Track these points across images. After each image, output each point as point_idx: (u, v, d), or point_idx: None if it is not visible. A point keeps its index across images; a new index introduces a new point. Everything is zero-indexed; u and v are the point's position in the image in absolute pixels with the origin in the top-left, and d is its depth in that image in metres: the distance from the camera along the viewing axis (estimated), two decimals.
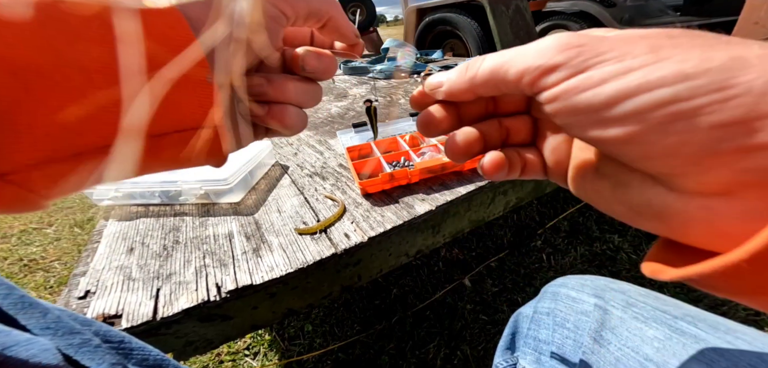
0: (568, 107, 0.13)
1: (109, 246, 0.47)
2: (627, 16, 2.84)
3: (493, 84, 0.16)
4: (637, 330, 0.26)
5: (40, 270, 1.25)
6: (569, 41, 0.14)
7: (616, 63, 0.12)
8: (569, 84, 0.13)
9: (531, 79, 0.14)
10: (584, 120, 0.13)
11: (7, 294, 0.18)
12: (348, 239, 0.42)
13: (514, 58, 0.15)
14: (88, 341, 0.19)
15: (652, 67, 0.12)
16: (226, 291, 0.37)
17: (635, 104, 0.12)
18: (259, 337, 0.89)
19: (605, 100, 0.12)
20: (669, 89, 0.11)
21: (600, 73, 0.12)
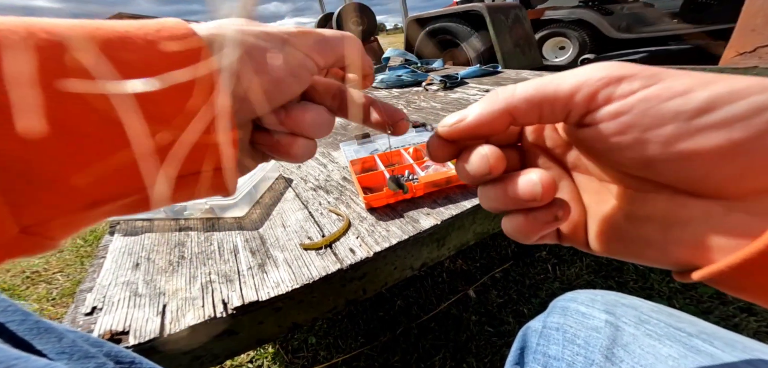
0: (651, 117, 0.12)
1: (115, 262, 0.47)
2: (624, 24, 2.86)
3: (536, 102, 0.15)
4: (650, 347, 0.26)
5: (43, 282, 1.25)
6: (620, 63, 0.13)
7: (688, 77, 0.11)
8: (649, 91, 0.12)
9: (591, 92, 0.13)
10: (671, 131, 0.11)
11: (22, 320, 0.18)
12: (353, 254, 0.42)
13: (561, 76, 0.14)
14: (103, 365, 0.19)
15: (728, 81, 0.11)
16: (232, 307, 0.37)
17: (738, 108, 0.11)
18: (263, 350, 0.89)
19: (701, 104, 0.11)
20: (760, 96, 0.10)
21: (680, 82, 0.11)
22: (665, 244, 0.14)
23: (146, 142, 0.12)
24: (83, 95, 0.12)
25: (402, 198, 0.52)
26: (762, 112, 0.10)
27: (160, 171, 0.13)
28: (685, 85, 0.11)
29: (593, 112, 0.13)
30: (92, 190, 0.13)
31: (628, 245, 0.15)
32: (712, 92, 0.11)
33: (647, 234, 0.14)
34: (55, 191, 0.12)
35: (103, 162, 0.12)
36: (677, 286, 0.88)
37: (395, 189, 0.36)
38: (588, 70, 0.13)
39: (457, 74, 1.56)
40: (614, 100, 0.13)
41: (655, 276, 0.92)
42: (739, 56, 1.57)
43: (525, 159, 0.20)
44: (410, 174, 0.58)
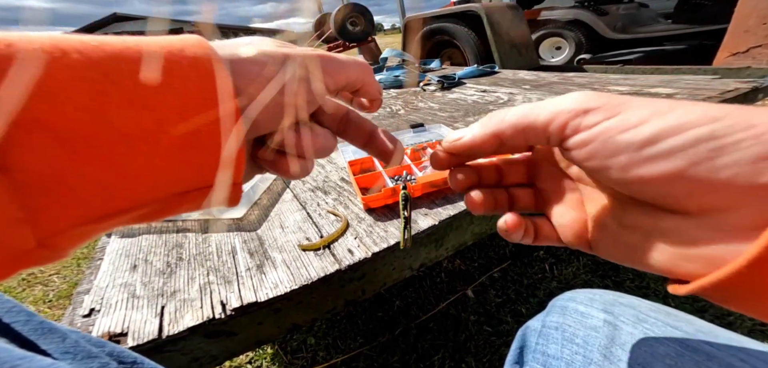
0: (608, 148, 0.14)
1: (113, 264, 0.47)
2: (620, 25, 2.89)
3: (520, 128, 0.17)
4: (648, 346, 0.26)
5: (39, 284, 1.24)
6: (594, 94, 0.14)
7: (645, 109, 0.13)
8: (609, 124, 0.14)
9: (562, 123, 0.15)
10: (627, 160, 0.13)
11: (27, 320, 0.18)
12: (352, 255, 0.43)
13: (542, 105, 0.16)
14: (106, 365, 0.19)
15: (680, 111, 0.12)
16: (231, 308, 0.37)
17: (679, 140, 0.12)
18: (262, 350, 0.89)
19: (648, 137, 0.13)
20: (706, 127, 0.12)
21: (634, 115, 0.13)
22: (647, 251, 0.15)
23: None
24: (105, 110, 0.12)
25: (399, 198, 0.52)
26: (699, 143, 0.12)
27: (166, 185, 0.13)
28: (639, 117, 0.13)
29: (566, 141, 0.15)
30: (103, 203, 0.13)
31: (620, 249, 0.17)
32: (659, 125, 0.13)
33: (634, 241, 0.16)
34: (71, 203, 0.12)
35: (117, 174, 0.12)
36: None
37: None
38: (562, 101, 0.15)
39: (454, 74, 1.57)
40: (581, 131, 0.14)
41: (651, 276, 0.92)
42: (732, 56, 1.58)
43: (535, 169, 0.22)
44: (408, 174, 0.58)
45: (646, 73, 1.36)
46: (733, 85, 0.88)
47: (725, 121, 0.12)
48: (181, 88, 0.13)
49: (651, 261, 0.15)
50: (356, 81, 0.20)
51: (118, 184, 0.12)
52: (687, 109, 0.12)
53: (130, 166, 0.12)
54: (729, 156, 0.11)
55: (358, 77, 0.20)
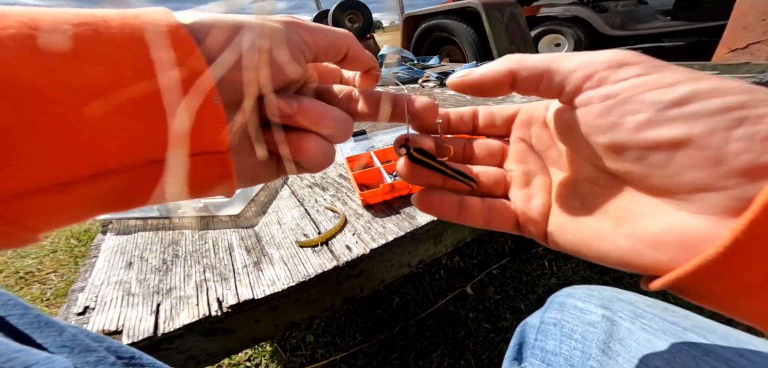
0: (631, 104, 0.13)
1: (108, 261, 0.46)
2: (618, 21, 2.88)
3: (539, 72, 0.16)
4: (645, 341, 0.26)
5: (37, 283, 1.23)
6: (633, 52, 0.14)
7: (682, 73, 0.13)
8: (641, 80, 0.13)
9: (593, 70, 0.14)
10: (644, 118, 0.13)
11: (23, 314, 0.18)
12: (350, 251, 0.42)
13: (574, 54, 0.15)
14: (104, 359, 0.18)
15: (715, 79, 0.12)
16: (227, 305, 0.36)
17: (707, 105, 0.12)
18: (260, 349, 0.88)
19: (677, 97, 0.12)
20: (737, 96, 0.11)
21: (672, 76, 0.13)
22: (613, 238, 0.15)
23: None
24: (49, 62, 0.11)
25: (399, 194, 0.51)
26: (730, 111, 0.11)
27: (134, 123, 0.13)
28: (675, 78, 0.13)
29: (581, 93, 0.15)
30: (58, 164, 0.12)
31: (583, 236, 0.16)
32: (694, 87, 0.12)
33: (600, 227, 0.15)
34: (17, 161, 0.11)
35: (73, 132, 0.12)
36: None
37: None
38: (599, 54, 0.15)
39: (453, 71, 1.56)
40: (606, 84, 0.14)
41: None
42: (731, 53, 1.58)
43: (509, 152, 0.22)
44: None
45: None
46: None
47: (759, 95, 0.11)
48: (137, 47, 0.13)
49: (615, 247, 0.14)
50: (335, 44, 0.19)
51: (75, 144, 0.12)
52: (723, 80, 0.12)
53: (87, 124, 0.12)
54: (747, 128, 0.11)
55: (336, 39, 0.19)
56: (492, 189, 0.21)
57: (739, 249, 0.10)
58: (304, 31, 0.18)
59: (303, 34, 0.18)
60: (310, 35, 0.18)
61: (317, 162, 0.18)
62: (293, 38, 0.17)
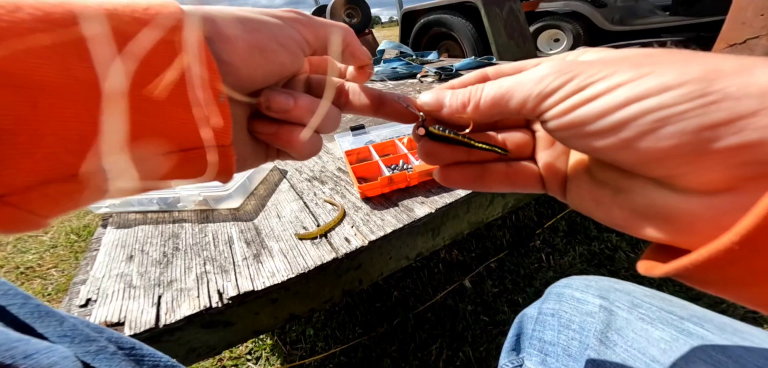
0: (566, 123, 0.14)
1: (109, 254, 0.46)
2: (617, 17, 2.88)
3: (497, 111, 0.17)
4: (642, 331, 0.26)
5: (38, 278, 1.24)
6: (562, 67, 0.15)
7: (605, 82, 0.13)
8: (567, 103, 0.14)
9: (532, 107, 0.16)
10: (580, 133, 0.14)
11: (23, 303, 0.18)
12: (348, 243, 0.43)
13: (515, 87, 0.16)
14: (104, 348, 0.19)
15: (636, 82, 0.12)
16: (227, 297, 0.37)
17: (624, 114, 0.12)
18: (261, 342, 0.89)
19: (597, 112, 0.13)
20: (654, 99, 0.12)
21: (592, 91, 0.14)
22: (611, 207, 0.16)
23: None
24: (65, 59, 0.11)
25: (397, 186, 0.52)
26: (649, 113, 0.12)
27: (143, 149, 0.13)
28: (594, 92, 0.13)
29: (539, 117, 0.16)
30: (71, 156, 0.12)
31: (587, 202, 0.17)
32: (611, 99, 0.13)
33: (600, 196, 0.16)
34: (33, 155, 0.11)
35: (85, 125, 0.12)
36: None
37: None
38: (532, 81, 0.16)
39: (451, 66, 1.56)
40: (547, 110, 0.15)
41: None
42: (729, 48, 1.58)
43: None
44: (404, 163, 0.58)
45: None
46: None
47: (678, 92, 0.12)
48: (148, 42, 0.13)
49: (613, 216, 0.16)
50: (337, 41, 0.20)
51: (88, 137, 0.12)
52: (642, 80, 0.12)
53: (98, 117, 0.12)
54: (673, 126, 0.11)
55: (336, 35, 0.20)
56: (520, 151, 0.21)
57: (760, 233, 0.10)
58: (304, 27, 0.19)
59: (303, 29, 0.18)
60: (310, 30, 0.19)
61: (306, 153, 0.20)
62: (293, 34, 0.18)
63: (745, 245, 0.10)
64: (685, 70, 0.12)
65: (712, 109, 0.11)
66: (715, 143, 0.11)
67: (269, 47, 0.17)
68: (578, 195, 0.18)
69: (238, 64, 0.16)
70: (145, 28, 0.13)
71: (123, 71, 0.12)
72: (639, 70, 0.13)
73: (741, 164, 0.11)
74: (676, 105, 0.11)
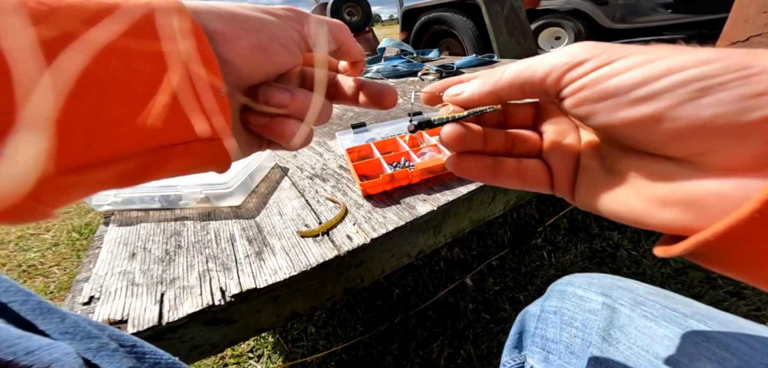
0: (597, 93, 0.14)
1: (111, 252, 0.47)
2: (619, 14, 2.86)
3: (517, 85, 0.17)
4: (646, 328, 0.26)
5: (40, 276, 1.24)
6: (593, 45, 0.15)
7: (639, 56, 0.13)
8: (598, 73, 0.14)
9: (558, 75, 0.15)
10: (613, 103, 0.14)
11: (25, 300, 0.18)
12: (350, 241, 0.43)
13: (540, 60, 0.16)
14: (106, 345, 0.19)
15: (674, 57, 0.12)
16: (230, 295, 0.37)
17: (664, 83, 0.12)
18: (263, 340, 0.89)
19: (635, 81, 0.13)
20: (694, 70, 0.12)
21: (626, 62, 0.13)
22: (627, 197, 0.15)
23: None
24: None
25: (399, 184, 0.52)
26: (686, 85, 0.12)
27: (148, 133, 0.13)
28: (630, 63, 0.13)
29: (561, 91, 0.16)
30: (87, 150, 0.12)
31: (599, 196, 0.17)
32: (649, 69, 0.13)
33: (615, 186, 0.16)
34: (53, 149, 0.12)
35: (94, 120, 0.12)
36: (669, 272, 0.90)
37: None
38: (558, 56, 0.16)
39: (452, 64, 1.56)
40: (574, 81, 0.15)
41: (647, 262, 0.93)
42: (731, 46, 1.58)
43: (540, 113, 0.22)
44: (406, 161, 0.58)
45: None
46: None
47: (718, 64, 0.11)
48: (150, 36, 0.13)
49: (628, 208, 0.15)
50: (335, 38, 0.21)
51: (96, 131, 0.12)
52: (680, 55, 0.12)
53: (105, 112, 0.12)
54: (714, 96, 0.11)
55: (336, 34, 0.21)
56: (528, 149, 0.21)
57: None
58: (301, 24, 0.19)
59: (300, 28, 0.19)
60: (305, 28, 0.19)
61: (299, 144, 0.20)
62: (292, 34, 0.19)
63: (766, 211, 0.10)
64: (720, 52, 0.12)
65: (753, 80, 0.11)
66: (757, 112, 0.11)
67: (271, 47, 0.17)
68: (590, 190, 0.18)
69: (240, 63, 0.16)
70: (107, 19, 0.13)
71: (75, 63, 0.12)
72: (672, 49, 0.13)
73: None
74: (717, 75, 0.11)
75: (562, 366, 0.29)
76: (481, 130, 0.20)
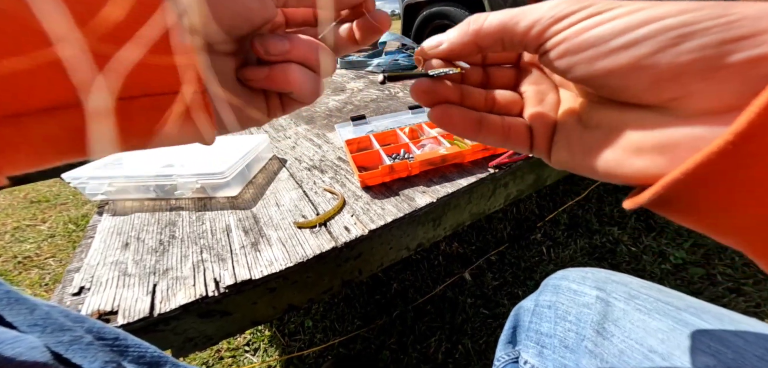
0: (578, 44, 0.14)
1: (104, 241, 0.46)
2: None
3: (499, 36, 0.17)
4: (640, 321, 0.26)
5: (35, 268, 1.23)
6: (573, 0, 0.15)
7: (623, 7, 0.13)
8: (581, 25, 0.14)
9: (542, 28, 0.15)
10: (594, 53, 0.14)
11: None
12: (348, 232, 0.42)
13: (524, 10, 0.16)
14: (80, 338, 0.18)
15: (654, 8, 0.13)
16: (224, 286, 0.36)
17: (644, 31, 0.12)
18: (259, 333, 0.89)
19: (616, 30, 0.13)
20: (674, 18, 0.12)
21: (610, 14, 0.14)
22: (602, 150, 0.15)
23: (70, 36, 0.11)
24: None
25: (398, 176, 0.51)
26: (666, 32, 0.12)
27: (98, 77, 0.11)
28: (613, 14, 0.13)
29: (544, 44, 0.15)
30: (14, 97, 0.11)
31: (575, 152, 0.17)
32: (631, 18, 0.13)
33: (591, 141, 0.16)
34: None
35: (12, 56, 0.11)
36: (669, 268, 0.89)
37: None
38: (545, 7, 0.15)
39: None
40: (558, 33, 0.15)
41: (647, 258, 0.93)
42: None
43: (520, 75, 0.22)
44: (406, 152, 0.57)
45: None
46: None
47: (698, 13, 0.12)
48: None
49: (602, 160, 0.15)
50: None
51: (15, 73, 0.11)
52: (662, 7, 0.13)
53: (27, 50, 0.11)
54: (693, 41, 0.12)
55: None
56: (508, 109, 0.21)
57: (744, 140, 0.10)
58: None
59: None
60: None
61: (308, 90, 0.19)
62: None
63: (739, 144, 0.10)
64: (700, 3, 0.12)
65: (734, 26, 0.11)
66: (735, 55, 0.11)
67: None
68: (566, 146, 0.18)
69: (221, 15, 0.15)
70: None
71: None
72: (656, 3, 0.13)
73: (757, 78, 0.11)
74: (698, 22, 0.12)
75: (556, 360, 0.28)
76: (454, 86, 0.20)
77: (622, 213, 1.10)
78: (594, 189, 1.23)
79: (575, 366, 0.27)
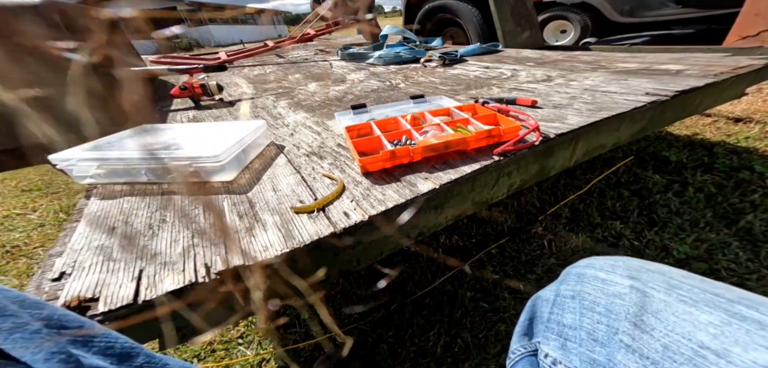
0: None
1: (90, 225, 0.43)
2: (627, 8, 2.81)
3: None
4: (686, 314, 0.23)
5: (24, 257, 1.21)
6: None
7: None
8: None
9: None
10: None
11: None
12: (347, 218, 0.40)
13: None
14: (24, 325, 0.15)
15: None
16: (215, 272, 0.34)
17: None
18: (253, 325, 0.87)
19: None
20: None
21: None
22: None
23: None
24: None
25: (400, 162, 0.49)
26: None
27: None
28: None
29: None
30: None
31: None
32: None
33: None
34: None
35: None
36: (671, 263, 0.87)
37: None
38: None
39: (456, 52, 1.52)
40: None
41: (649, 253, 0.91)
42: (742, 40, 1.55)
43: None
44: (408, 139, 0.55)
45: (655, 50, 1.32)
46: (745, 62, 0.85)
47: None
48: None
49: None
50: None
51: None
52: None
53: None
54: None
55: None
56: None
57: None
58: None
59: None
60: None
61: None
62: None
63: None
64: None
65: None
66: None
67: None
68: None
69: None
70: None
71: None
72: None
73: None
74: None
75: (583, 353, 0.26)
76: None
77: (624, 207, 1.08)
78: (596, 184, 1.21)
79: (607, 361, 0.24)
